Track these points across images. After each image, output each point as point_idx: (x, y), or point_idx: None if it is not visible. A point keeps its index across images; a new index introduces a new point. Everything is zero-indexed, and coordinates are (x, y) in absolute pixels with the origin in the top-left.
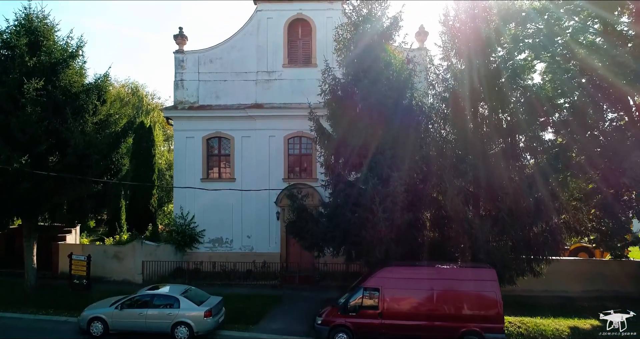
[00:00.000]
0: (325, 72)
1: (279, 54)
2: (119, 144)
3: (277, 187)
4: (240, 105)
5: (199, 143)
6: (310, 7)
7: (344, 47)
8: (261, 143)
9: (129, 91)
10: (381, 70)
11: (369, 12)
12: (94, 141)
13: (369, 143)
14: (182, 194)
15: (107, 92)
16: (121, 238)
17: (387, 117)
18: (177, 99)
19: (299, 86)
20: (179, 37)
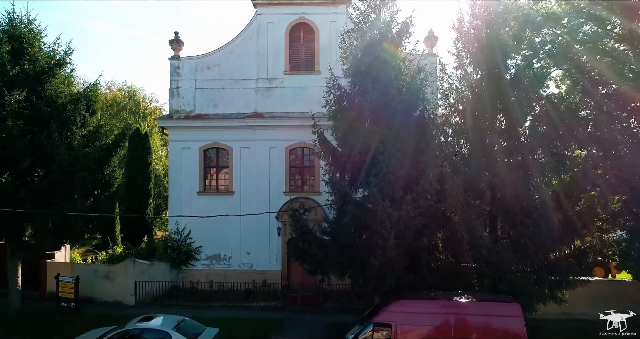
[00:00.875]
0: (330, 81)
1: (279, 60)
2: (110, 157)
3: (278, 201)
4: (239, 114)
5: (196, 154)
6: (313, 10)
7: (351, 55)
8: (261, 154)
9: (126, 95)
10: (391, 80)
11: (377, 18)
12: (81, 156)
13: (379, 160)
14: (178, 208)
15: (97, 102)
16: (114, 252)
17: (397, 132)
18: (172, 108)
19: (301, 93)
20: (175, 42)
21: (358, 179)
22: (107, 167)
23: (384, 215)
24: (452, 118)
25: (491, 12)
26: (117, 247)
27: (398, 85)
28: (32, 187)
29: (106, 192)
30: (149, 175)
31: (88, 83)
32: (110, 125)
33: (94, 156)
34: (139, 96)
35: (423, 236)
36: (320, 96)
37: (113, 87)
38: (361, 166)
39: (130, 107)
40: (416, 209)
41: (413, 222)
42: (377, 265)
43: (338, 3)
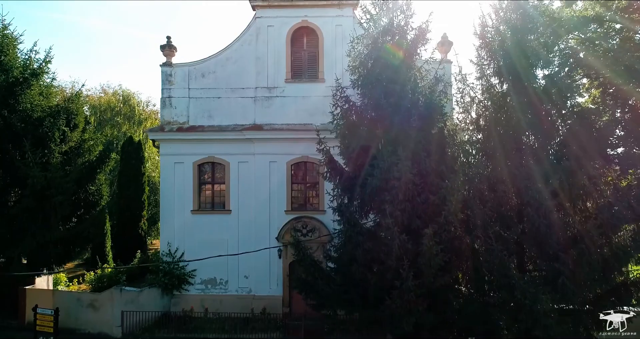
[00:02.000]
0: (337, 92)
1: (280, 67)
2: (95, 175)
3: (278, 221)
4: (236, 126)
5: (189, 169)
6: (317, 13)
7: (360, 65)
8: (260, 170)
9: (120, 99)
10: (406, 93)
11: (389, 22)
12: (58, 178)
13: (393, 185)
14: (170, 228)
15: (79, 114)
16: (103, 272)
17: (414, 153)
18: (164, 119)
19: (303, 104)
20: (167, 47)
21: (369, 204)
22: (92, 185)
23: (401, 251)
24: (473, 134)
25: (518, 16)
26: (108, 265)
27: (414, 98)
28: (4, 212)
29: (91, 212)
30: (142, 186)
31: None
32: (95, 139)
33: (73, 176)
34: (134, 100)
35: (446, 273)
36: (325, 106)
37: (109, 91)
38: (373, 190)
39: (125, 113)
40: (439, 245)
41: (435, 260)
42: (392, 307)
43: (344, 5)
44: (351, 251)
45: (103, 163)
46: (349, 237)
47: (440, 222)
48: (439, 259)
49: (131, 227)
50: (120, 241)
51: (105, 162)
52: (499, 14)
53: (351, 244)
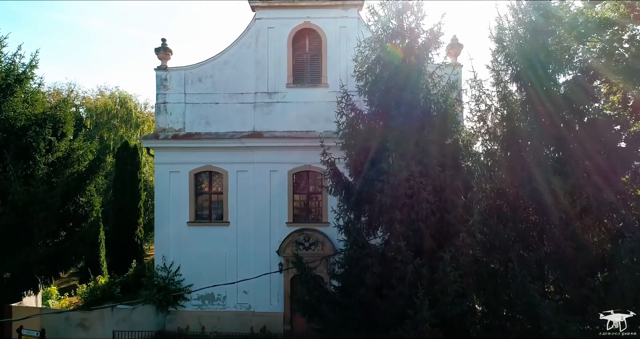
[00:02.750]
0: (342, 100)
1: (281, 71)
2: (85, 186)
3: (279, 233)
4: (235, 133)
5: (185, 179)
6: (319, 14)
7: (368, 71)
8: (260, 179)
9: (117, 101)
10: (418, 102)
11: (399, 24)
12: (41, 193)
13: (405, 203)
14: (165, 240)
15: (67, 122)
16: (97, 284)
17: (427, 167)
18: (158, 126)
19: (305, 110)
20: (162, 50)
21: (377, 220)
22: (81, 196)
23: (415, 277)
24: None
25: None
26: (101, 277)
27: (427, 107)
28: None
29: (82, 225)
30: (138, 192)
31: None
32: (85, 148)
33: (59, 191)
34: (130, 103)
35: (463, 300)
36: (328, 112)
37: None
38: (383, 207)
39: (122, 115)
40: (457, 271)
41: (452, 287)
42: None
43: (348, 5)
44: (359, 273)
45: (94, 173)
46: (356, 259)
47: (457, 245)
48: (457, 286)
49: (127, 235)
50: (116, 250)
51: (97, 172)
52: (517, 16)
53: (359, 266)
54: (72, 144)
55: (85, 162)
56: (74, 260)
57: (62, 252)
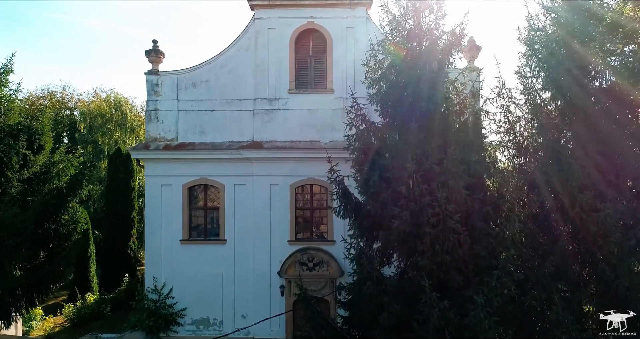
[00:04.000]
0: (352, 109)
1: (283, 75)
2: (66, 203)
3: (281, 252)
4: (232, 143)
5: (178, 193)
6: (324, 14)
7: (382, 77)
8: (260, 193)
9: (112, 105)
10: (441, 114)
11: (416, 25)
12: (10, 217)
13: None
14: (156, 260)
15: (45, 134)
16: (85, 302)
17: (454, 192)
18: (149, 135)
19: (309, 118)
20: (153, 53)
21: (393, 247)
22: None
23: (441, 322)
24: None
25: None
26: (90, 294)
27: (450, 120)
28: None
29: (66, 243)
30: (131, 202)
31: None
32: (67, 161)
33: (33, 213)
34: (126, 106)
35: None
36: (334, 120)
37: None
38: (400, 235)
39: (117, 119)
40: (492, 316)
41: (486, 335)
42: None
43: (356, 4)
44: (372, 311)
45: (76, 189)
46: (369, 296)
47: (491, 286)
48: (492, 334)
49: (119, 247)
50: (108, 262)
51: (80, 188)
52: (550, 15)
53: (372, 303)
54: (52, 157)
55: (66, 178)
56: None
57: (41, 278)
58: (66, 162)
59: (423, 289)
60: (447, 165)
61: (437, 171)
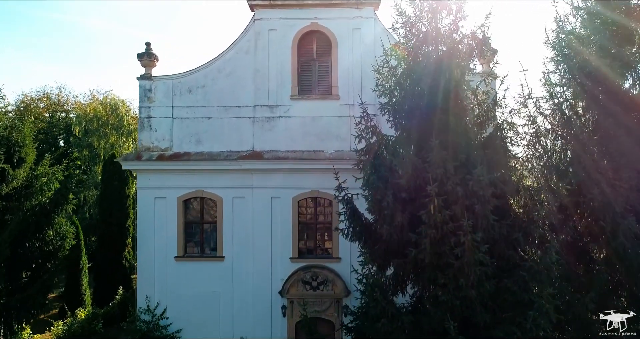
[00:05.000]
0: (362, 120)
1: (285, 80)
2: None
3: (282, 270)
4: (230, 153)
5: (173, 206)
6: (329, 14)
7: (397, 85)
8: (260, 207)
9: (108, 108)
10: (464, 129)
11: (434, 28)
12: None
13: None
14: (149, 278)
15: (28, 145)
16: (76, 318)
17: (481, 219)
18: (142, 144)
19: (313, 126)
20: (146, 56)
21: (409, 277)
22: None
23: None
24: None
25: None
26: (81, 310)
27: (471, 134)
28: None
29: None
30: (126, 210)
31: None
32: (51, 174)
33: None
34: (122, 109)
35: None
36: (340, 129)
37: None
38: (417, 264)
39: (113, 122)
40: None
41: None
42: None
43: (363, 4)
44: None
45: (61, 205)
46: (383, 333)
47: (525, 327)
48: None
49: (114, 258)
50: (101, 274)
51: (65, 203)
52: (582, 17)
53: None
54: (35, 170)
55: (50, 193)
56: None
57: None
58: (50, 176)
59: (446, 330)
60: (473, 187)
61: (461, 194)
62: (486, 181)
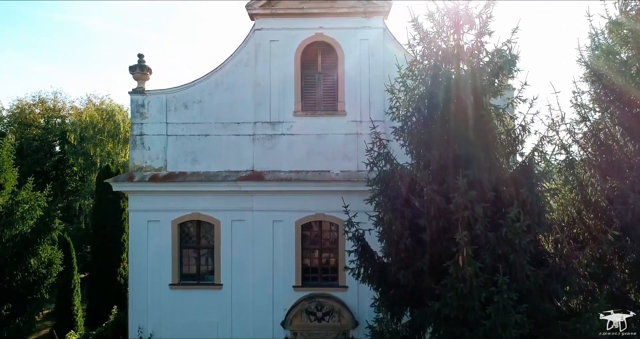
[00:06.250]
0: (374, 146)
1: (287, 95)
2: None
3: (285, 299)
4: (229, 173)
5: (167, 230)
6: (335, 24)
7: (416, 110)
8: (261, 231)
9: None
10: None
11: (455, 45)
12: None
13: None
14: (142, 307)
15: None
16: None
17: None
18: (134, 164)
19: (318, 144)
20: (137, 69)
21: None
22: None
23: None
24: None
25: None
26: (73, 334)
27: (498, 164)
28: None
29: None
30: (121, 224)
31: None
32: (33, 201)
33: None
34: (119, 116)
35: None
36: (347, 147)
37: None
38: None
39: (109, 129)
40: None
41: None
42: None
43: (372, 13)
44: None
45: (44, 234)
46: None
47: None
48: None
49: (108, 275)
50: (96, 286)
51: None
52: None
53: None
54: (16, 196)
55: (32, 221)
56: None
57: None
58: (33, 202)
59: None
60: (508, 235)
61: (492, 240)
62: (522, 227)
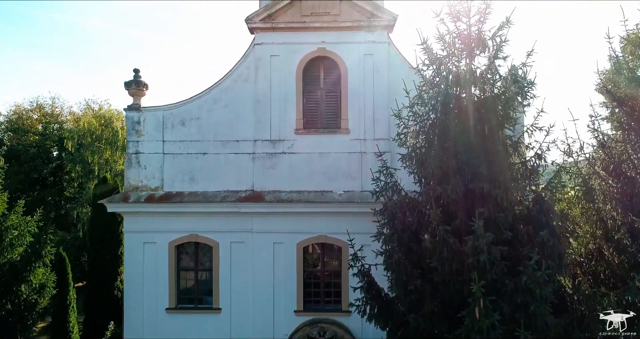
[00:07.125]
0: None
1: (289, 112)
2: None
3: (286, 325)
4: (228, 193)
5: (164, 252)
6: (338, 38)
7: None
8: (261, 253)
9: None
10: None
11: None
12: None
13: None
14: (138, 332)
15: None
16: None
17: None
18: (129, 183)
19: (320, 163)
20: (133, 84)
21: None
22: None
23: None
24: None
25: None
26: None
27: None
28: None
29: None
30: (118, 237)
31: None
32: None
33: None
34: (117, 123)
35: None
36: (350, 167)
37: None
38: None
39: (107, 137)
40: None
41: None
42: None
43: (376, 27)
44: None
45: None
46: None
47: None
48: None
49: (105, 289)
50: (92, 306)
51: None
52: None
53: None
54: (6, 221)
55: (22, 249)
56: None
57: None
58: (23, 228)
59: None
60: (528, 284)
61: (510, 288)
62: (544, 275)
